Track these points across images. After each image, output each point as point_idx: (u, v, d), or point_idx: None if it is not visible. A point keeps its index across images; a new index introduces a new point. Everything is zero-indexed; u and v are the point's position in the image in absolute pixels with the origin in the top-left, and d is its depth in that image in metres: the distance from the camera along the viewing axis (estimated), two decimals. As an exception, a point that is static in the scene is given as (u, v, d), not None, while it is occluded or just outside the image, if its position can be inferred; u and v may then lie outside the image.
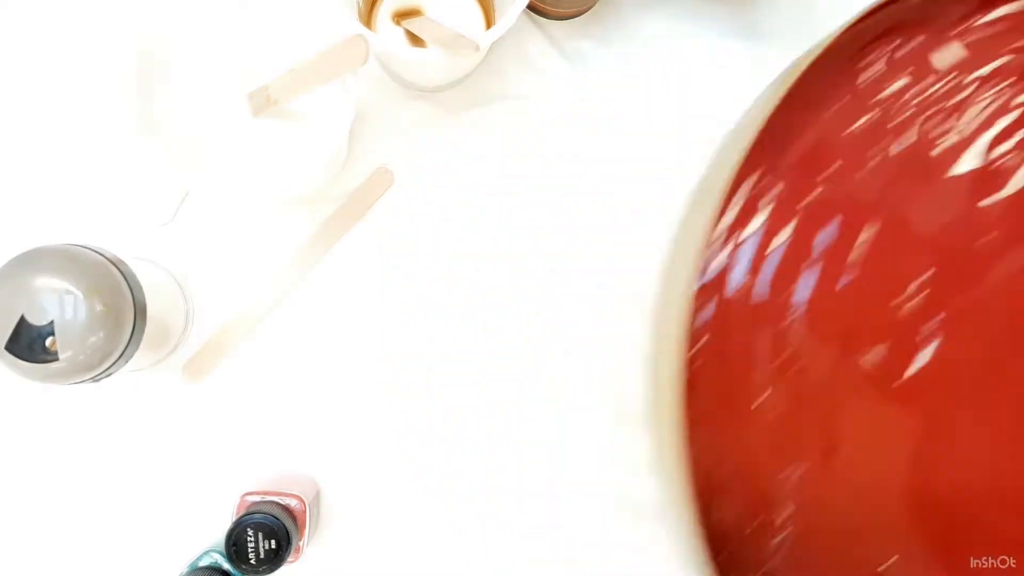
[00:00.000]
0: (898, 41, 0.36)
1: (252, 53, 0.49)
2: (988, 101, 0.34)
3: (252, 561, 0.45)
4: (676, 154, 0.55)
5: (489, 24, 0.53)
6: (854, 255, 0.34)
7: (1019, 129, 0.34)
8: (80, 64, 0.53)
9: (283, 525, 0.45)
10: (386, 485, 0.53)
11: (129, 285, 0.44)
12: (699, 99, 0.56)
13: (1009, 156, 0.33)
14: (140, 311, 0.44)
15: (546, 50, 0.55)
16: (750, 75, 0.55)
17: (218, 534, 0.49)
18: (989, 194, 0.33)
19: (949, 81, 0.34)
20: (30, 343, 0.41)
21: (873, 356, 0.33)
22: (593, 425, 0.53)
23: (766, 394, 0.34)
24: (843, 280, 0.34)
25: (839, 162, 0.35)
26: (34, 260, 0.41)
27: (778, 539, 0.35)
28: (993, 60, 0.35)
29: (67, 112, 0.54)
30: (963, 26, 0.35)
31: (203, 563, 0.47)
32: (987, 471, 0.34)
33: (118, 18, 0.44)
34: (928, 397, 0.33)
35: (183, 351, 0.53)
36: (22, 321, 0.40)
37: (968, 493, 0.34)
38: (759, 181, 0.35)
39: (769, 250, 0.35)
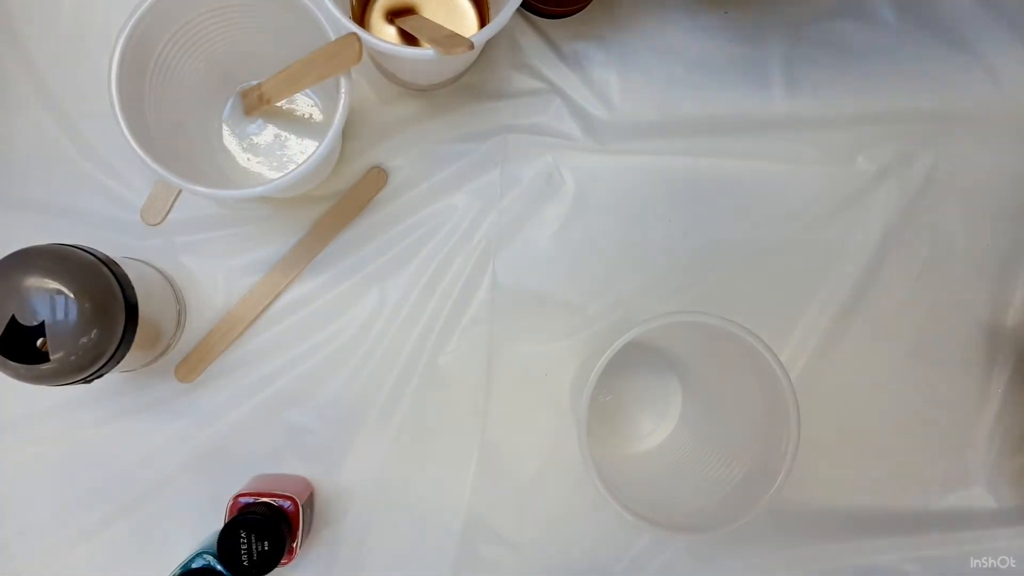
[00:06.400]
0: None
1: (245, 51, 0.49)
2: None
3: (244, 563, 0.44)
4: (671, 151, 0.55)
5: (483, 22, 0.52)
6: None
7: None
8: (67, 64, 0.53)
9: (276, 527, 0.45)
10: (380, 486, 0.53)
11: (121, 285, 0.44)
12: (693, 98, 0.55)
13: None
14: (131, 312, 0.44)
15: (541, 48, 0.55)
16: (745, 74, 0.55)
17: (210, 535, 0.48)
18: None
19: None
20: (21, 344, 0.40)
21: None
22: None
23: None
24: None
25: None
26: (25, 261, 0.41)
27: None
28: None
29: (57, 112, 0.53)
30: None
31: (195, 565, 0.46)
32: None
33: (111, 16, 0.44)
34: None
35: (175, 352, 0.53)
36: (12, 322, 0.40)
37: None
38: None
39: None
